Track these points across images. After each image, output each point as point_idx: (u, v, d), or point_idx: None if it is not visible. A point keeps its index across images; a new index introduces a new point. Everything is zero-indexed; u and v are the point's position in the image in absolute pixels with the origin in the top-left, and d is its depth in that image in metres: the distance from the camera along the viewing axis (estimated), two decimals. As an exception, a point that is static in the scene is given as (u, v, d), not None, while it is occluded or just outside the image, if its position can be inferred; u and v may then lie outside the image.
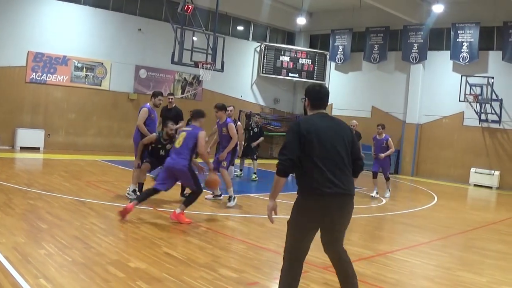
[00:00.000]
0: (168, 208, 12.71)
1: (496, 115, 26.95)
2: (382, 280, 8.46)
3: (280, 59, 33.91)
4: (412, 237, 12.60)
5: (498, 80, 26.45)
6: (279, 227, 11.91)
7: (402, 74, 31.16)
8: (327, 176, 5.92)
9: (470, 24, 27.84)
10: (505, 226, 15.47)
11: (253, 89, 33.95)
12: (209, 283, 7.34)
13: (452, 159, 28.55)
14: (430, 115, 29.73)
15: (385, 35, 31.55)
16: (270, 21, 33.97)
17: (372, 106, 31.84)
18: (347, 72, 33.96)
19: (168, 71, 28.56)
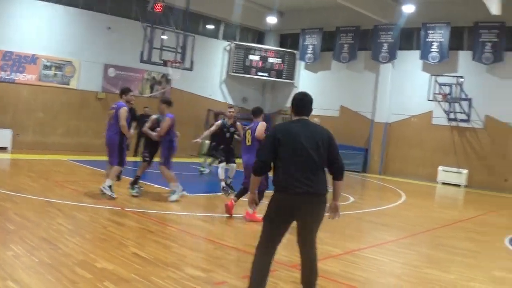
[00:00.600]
0: (135, 208, 12.66)
1: (465, 114, 27.21)
2: (350, 278, 8.50)
3: (249, 58, 33.93)
4: (380, 235, 12.70)
5: (468, 80, 26.74)
6: (247, 226, 11.99)
7: (371, 74, 31.33)
8: (297, 176, 6.42)
9: (440, 24, 28.11)
10: (472, 224, 15.61)
11: (222, 88, 33.91)
12: (177, 283, 7.33)
13: (420, 158, 28.74)
14: (399, 114, 29.92)
15: (355, 35, 31.74)
16: (241, 20, 33.84)
17: (341, 105, 31.98)
18: (317, 71, 34.08)
19: (137, 70, 28.42)
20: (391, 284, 8.63)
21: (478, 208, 19.80)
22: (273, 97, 36.37)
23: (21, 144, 24.46)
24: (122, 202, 13.36)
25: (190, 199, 15.23)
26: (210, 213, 13.52)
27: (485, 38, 26.86)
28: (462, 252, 11.24)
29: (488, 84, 26.96)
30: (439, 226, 14.70)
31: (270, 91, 36.42)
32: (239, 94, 34.73)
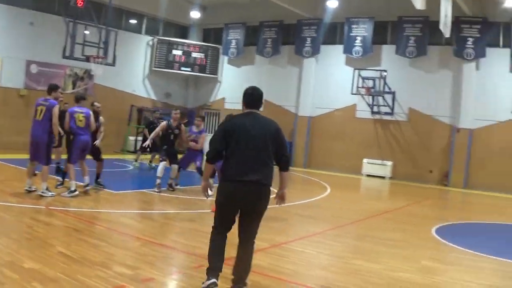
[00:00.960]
0: (61, 207, 12.48)
1: (389, 107, 27.65)
2: (278, 271, 8.58)
3: (172, 53, 33.79)
4: (307, 228, 12.79)
5: (391, 73, 27.21)
6: (174, 223, 11.99)
7: (295, 68, 31.58)
8: (241, 166, 7.03)
9: (364, 19, 28.53)
10: (398, 215, 15.89)
11: (145, 83, 33.70)
12: (105, 281, 7.25)
13: (344, 151, 29.07)
14: (323, 108, 30.23)
15: (279, 29, 31.94)
16: (164, 15, 33.74)
17: (265, 100, 31.83)
18: (240, 66, 34.21)
19: (59, 66, 27.93)
20: (320, 276, 8.70)
21: (403, 199, 20.19)
22: (197, 92, 36.32)
23: None
24: (48, 200, 13.18)
25: (116, 197, 15.15)
26: (136, 210, 13.45)
27: (409, 32, 27.37)
28: (389, 243, 11.43)
29: (412, 77, 27.54)
30: (365, 218, 14.92)
31: (194, 86, 36.36)
32: (162, 89, 34.56)
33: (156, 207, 13.94)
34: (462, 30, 26.14)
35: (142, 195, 15.85)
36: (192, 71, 34.48)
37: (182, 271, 8.42)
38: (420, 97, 27.32)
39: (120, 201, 14.63)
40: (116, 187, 16.17)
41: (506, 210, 19.64)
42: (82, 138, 14.27)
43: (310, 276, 8.69)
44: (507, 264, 10.18)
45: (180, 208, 14.05)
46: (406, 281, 8.63)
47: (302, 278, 8.54)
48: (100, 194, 15.14)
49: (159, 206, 14.16)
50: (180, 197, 15.78)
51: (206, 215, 13.53)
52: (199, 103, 35.75)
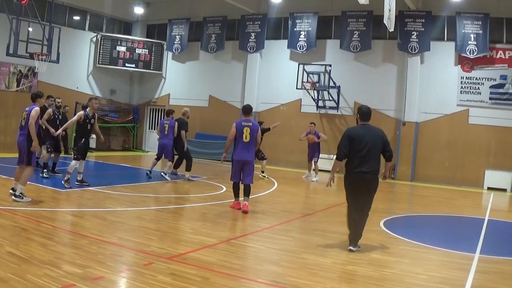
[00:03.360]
0: (7, 206, 12.34)
1: (334, 101, 27.85)
2: (227, 267, 8.56)
3: (116, 49, 33.54)
4: (255, 223, 12.85)
5: (336, 68, 27.35)
6: (121, 220, 11.91)
7: (239, 63, 31.64)
8: (360, 162, 10.15)
9: (308, 14, 28.69)
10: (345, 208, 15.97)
11: (89, 80, 33.37)
12: (54, 280, 7.17)
13: (291, 146, 29.16)
14: (268, 103, 30.34)
15: (223, 25, 31.92)
16: (107, 11, 33.55)
17: (210, 95, 32.11)
18: (184, 61, 34.13)
19: (3, 64, 27.35)
20: (270, 271, 8.72)
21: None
22: (142, 88, 36.13)
23: None
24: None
25: (62, 195, 15.01)
26: (83, 209, 13.33)
27: (353, 27, 27.58)
28: (338, 236, 11.50)
29: (356, 71, 27.86)
30: (313, 212, 15.08)
31: (138, 82, 36.20)
32: (107, 86, 34.28)
33: (103, 205, 13.80)
34: (406, 24, 26.42)
35: (88, 193, 15.67)
36: (136, 68, 34.29)
37: (132, 268, 8.34)
38: (365, 91, 27.56)
39: (67, 200, 14.49)
40: (62, 186, 16.01)
41: (452, 202, 19.89)
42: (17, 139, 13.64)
43: (260, 271, 8.72)
44: (455, 255, 10.34)
45: (127, 205, 13.98)
46: (356, 274, 8.73)
47: (253, 273, 8.58)
48: (46, 192, 15.01)
49: (105, 203, 14.04)
50: (127, 194, 15.71)
51: (153, 212, 13.53)
52: (145, 100, 35.57)
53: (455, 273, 9.02)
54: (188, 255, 9.11)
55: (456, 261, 9.86)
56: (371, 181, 10.20)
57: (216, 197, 16.43)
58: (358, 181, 10.18)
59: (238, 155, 14.06)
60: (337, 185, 22.44)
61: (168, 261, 8.61)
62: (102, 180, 17.49)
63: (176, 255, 8.99)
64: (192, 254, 9.19)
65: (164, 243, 9.87)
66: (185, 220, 12.75)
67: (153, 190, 17.27)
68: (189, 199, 15.54)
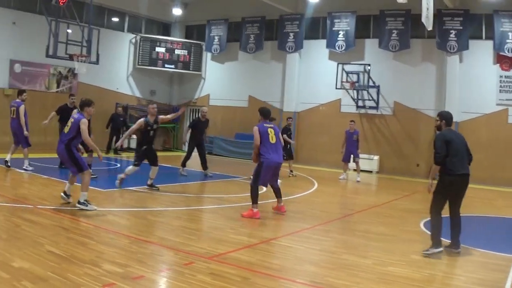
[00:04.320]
0: (48, 206, 12.45)
1: (374, 101, 27.67)
2: (267, 267, 8.56)
3: (156, 50, 33.68)
4: (295, 223, 12.74)
5: (375, 67, 27.21)
6: (161, 219, 11.94)
7: (278, 63, 31.57)
8: (459, 164, 10.24)
9: (346, 13, 28.50)
10: (386, 209, 15.88)
11: (129, 81, 33.59)
12: (95, 279, 7.22)
13: (330, 145, 28.95)
14: (307, 103, 30.24)
15: (261, 25, 31.86)
16: (146, 12, 33.73)
17: (249, 96, 32.07)
18: (223, 62, 34.14)
19: (43, 65, 27.71)
20: (309, 271, 8.69)
21: (391, 193, 20.16)
22: (181, 89, 36.25)
23: None
24: (35, 199, 13.14)
25: (103, 195, 15.10)
26: (124, 208, 13.39)
27: (391, 26, 27.34)
28: (378, 237, 11.44)
29: (395, 71, 27.57)
30: (354, 212, 14.95)
31: (178, 83, 36.33)
32: (147, 86, 34.43)
33: (143, 204, 13.86)
34: (445, 23, 26.12)
35: (129, 193, 15.75)
36: (176, 68, 34.42)
37: (172, 268, 8.39)
38: (405, 91, 27.35)
39: (107, 199, 14.57)
40: (103, 185, 16.12)
41: (492, 203, 19.64)
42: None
43: (299, 272, 8.67)
44: (494, 257, 10.25)
45: (167, 205, 14.01)
46: (395, 275, 8.63)
47: (292, 273, 8.54)
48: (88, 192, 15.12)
49: (146, 203, 14.09)
50: (167, 194, 15.75)
51: (193, 212, 13.55)
52: (185, 100, 35.61)
53: (494, 275, 8.92)
54: (228, 255, 9.11)
55: (495, 263, 9.75)
56: (468, 183, 10.45)
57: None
58: (460, 184, 10.29)
59: (272, 159, 13.26)
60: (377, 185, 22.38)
61: (208, 261, 8.62)
62: (143, 180, 17.52)
63: (216, 254, 9.00)
64: (232, 254, 9.19)
65: (204, 243, 9.88)
66: (225, 220, 12.72)
67: (193, 190, 17.29)
68: (229, 199, 15.51)
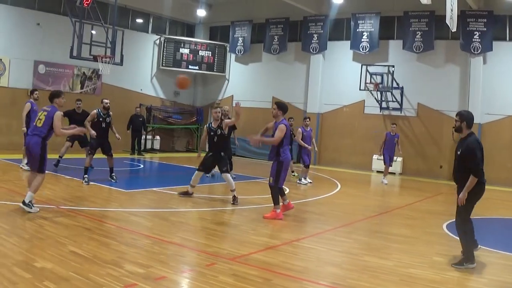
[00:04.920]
0: (71, 206, 12.51)
1: (397, 102, 27.52)
2: (289, 269, 8.53)
3: (180, 51, 33.75)
4: (317, 225, 12.74)
5: (399, 69, 26.95)
6: (183, 220, 11.96)
7: (302, 65, 31.50)
8: (483, 173, 9.82)
9: (370, 14, 28.39)
10: (408, 211, 15.79)
11: (153, 82, 33.69)
12: (117, 280, 7.26)
13: (353, 147, 28.98)
14: (331, 104, 30.17)
15: (285, 26, 31.84)
16: (170, 14, 33.80)
17: (273, 97, 31.97)
18: (247, 63, 34.15)
19: (67, 66, 27.92)
20: (331, 273, 8.67)
21: (414, 195, 20.04)
22: (205, 90, 36.28)
23: (-49, 143, 23.91)
24: (58, 200, 13.20)
25: (125, 195, 15.17)
26: (146, 209, 13.43)
27: (415, 27, 27.20)
28: (400, 239, 11.38)
29: (419, 72, 27.39)
30: (376, 214, 14.88)
31: (202, 84, 36.36)
32: (170, 87, 34.42)
33: (166, 205, 13.89)
34: (468, 24, 25.93)
35: (152, 193, 15.82)
36: (200, 69, 34.47)
37: (194, 268, 8.40)
38: (428, 92, 27.18)
39: (130, 200, 14.64)
40: (126, 186, 16.19)
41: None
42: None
43: (321, 273, 8.64)
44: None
45: (190, 206, 14.03)
46: (418, 277, 8.58)
47: (314, 275, 8.51)
48: (109, 192, 15.19)
49: (168, 204, 14.11)
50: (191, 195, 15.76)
51: (215, 213, 13.56)
52: (208, 101, 35.64)
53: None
54: (250, 256, 9.11)
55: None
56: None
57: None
58: (483, 193, 9.96)
59: (289, 158, 13.38)
60: (400, 186, 22.25)
61: (230, 262, 8.62)
62: (166, 180, 17.55)
63: (238, 256, 9.00)
64: (254, 255, 9.19)
65: (226, 244, 9.90)
66: (247, 221, 12.72)
67: (216, 191, 17.29)
68: (251, 201, 15.48)
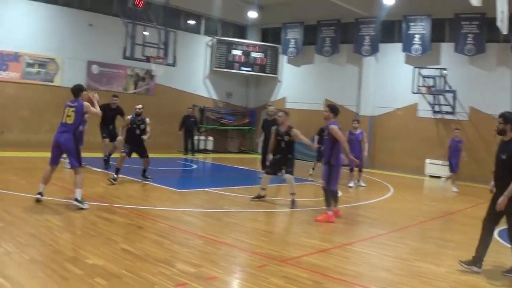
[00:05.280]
0: (124, 204, 12.60)
1: (450, 106, 27.18)
2: (340, 272, 8.47)
3: (232, 53, 33.80)
4: (369, 229, 12.64)
5: (451, 72, 26.65)
6: (236, 221, 11.94)
7: (354, 67, 31.31)
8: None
9: (421, 16, 28.08)
10: (461, 216, 15.61)
11: (205, 83, 33.80)
12: (168, 279, 7.30)
13: (406, 151, 28.69)
14: (384, 107, 29.91)
15: (337, 28, 31.70)
16: (222, 15, 33.88)
17: (326, 99, 31.84)
18: (299, 65, 34.07)
19: (120, 66, 28.20)
20: (382, 278, 8.59)
21: (467, 200, 19.76)
22: (258, 91, 36.33)
23: (6, 142, 24.17)
24: (111, 198, 13.32)
25: (179, 195, 15.24)
26: (199, 209, 13.47)
27: (467, 30, 26.80)
28: (453, 245, 11.25)
29: (472, 75, 26.95)
30: (429, 219, 14.70)
31: (254, 85, 36.42)
32: (223, 89, 34.59)
33: (218, 205, 13.91)
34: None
35: (205, 193, 15.87)
36: (252, 71, 34.51)
37: (245, 269, 8.41)
38: (481, 96, 26.70)
39: (183, 200, 14.74)
40: (179, 186, 16.25)
41: None
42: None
43: (372, 278, 8.60)
44: None
45: (242, 207, 14.04)
46: (470, 284, 8.48)
47: (365, 279, 8.47)
48: (162, 192, 15.25)
49: (220, 204, 14.13)
50: (242, 196, 15.75)
51: (267, 214, 13.54)
52: (260, 103, 35.60)
53: None
54: (302, 259, 9.08)
55: None
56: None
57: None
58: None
59: (340, 160, 13.37)
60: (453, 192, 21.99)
61: (282, 264, 8.60)
62: (218, 181, 17.58)
63: (289, 258, 8.97)
64: (306, 258, 9.15)
65: (278, 246, 9.87)
66: (299, 223, 12.70)
67: (268, 192, 17.26)
68: (303, 203, 15.40)
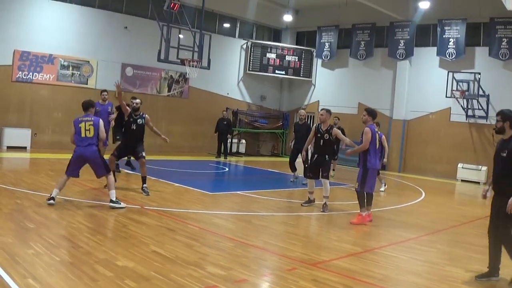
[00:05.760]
0: (155, 207, 12.66)
1: (483, 110, 26.93)
2: (370, 276, 8.45)
3: (266, 56, 33.85)
4: (399, 233, 12.55)
5: (485, 76, 26.39)
6: (266, 224, 11.93)
7: (388, 71, 31.18)
8: None
9: (456, 20, 27.87)
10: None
11: (239, 87, 33.89)
12: (198, 281, 7.31)
13: (439, 155, 28.54)
14: (417, 111, 29.74)
15: (371, 32, 31.58)
16: (257, 18, 33.95)
17: (359, 103, 31.75)
18: (334, 68, 33.99)
19: (154, 69, 28.36)
20: (411, 282, 8.54)
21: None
22: (291, 95, 36.35)
23: (39, 143, 24.40)
24: (141, 200, 13.38)
25: (209, 198, 15.27)
26: (230, 212, 13.49)
27: (501, 34, 26.58)
28: (483, 250, 11.06)
29: (506, 80, 26.69)
30: (459, 224, 14.60)
31: (288, 89, 36.45)
32: (257, 92, 34.67)
33: (249, 208, 13.93)
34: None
35: (236, 196, 15.90)
36: (286, 74, 34.51)
37: (275, 273, 8.39)
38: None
39: (214, 202, 14.79)
40: (210, 188, 16.28)
41: None
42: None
43: (401, 282, 8.56)
44: None
45: (273, 210, 14.03)
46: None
47: (394, 283, 8.43)
48: (194, 194, 15.29)
49: (251, 207, 14.14)
50: (273, 199, 15.75)
51: (298, 217, 13.52)
52: (294, 106, 35.63)
53: None
54: (332, 263, 9.05)
55: None
56: None
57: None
58: None
59: (376, 164, 13.29)
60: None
61: (311, 267, 8.58)
62: (250, 184, 17.58)
63: (319, 261, 8.95)
64: (336, 262, 9.13)
65: (308, 249, 9.85)
66: (330, 227, 12.67)
67: (299, 196, 17.20)
68: (334, 206, 15.36)
